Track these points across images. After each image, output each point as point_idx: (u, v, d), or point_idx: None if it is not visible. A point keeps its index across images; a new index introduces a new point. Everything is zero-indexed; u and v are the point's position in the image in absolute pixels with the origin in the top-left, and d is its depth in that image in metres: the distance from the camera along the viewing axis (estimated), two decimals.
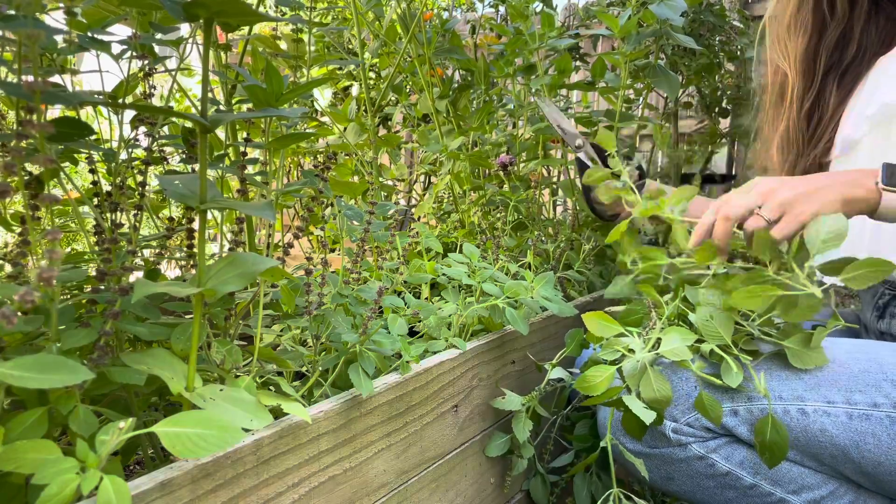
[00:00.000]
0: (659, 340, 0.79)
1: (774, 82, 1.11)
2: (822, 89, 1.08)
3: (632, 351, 0.79)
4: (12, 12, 0.50)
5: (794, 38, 1.07)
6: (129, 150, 0.71)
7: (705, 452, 0.81)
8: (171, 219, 0.81)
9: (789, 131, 1.09)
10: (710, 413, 0.77)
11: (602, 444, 0.83)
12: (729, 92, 2.22)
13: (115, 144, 0.71)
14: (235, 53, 0.92)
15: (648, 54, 1.36)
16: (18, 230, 0.64)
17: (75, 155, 0.73)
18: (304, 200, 0.76)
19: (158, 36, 0.66)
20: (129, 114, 0.74)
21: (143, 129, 0.72)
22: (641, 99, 1.62)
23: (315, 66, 0.92)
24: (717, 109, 2.24)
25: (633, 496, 0.80)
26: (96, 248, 0.65)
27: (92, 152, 0.69)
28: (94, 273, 0.59)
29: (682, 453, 0.82)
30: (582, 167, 1.14)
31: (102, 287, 0.59)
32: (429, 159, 1.65)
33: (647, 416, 0.73)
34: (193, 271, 0.71)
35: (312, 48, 0.89)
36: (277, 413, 0.57)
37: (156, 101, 0.74)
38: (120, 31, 0.66)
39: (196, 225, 0.62)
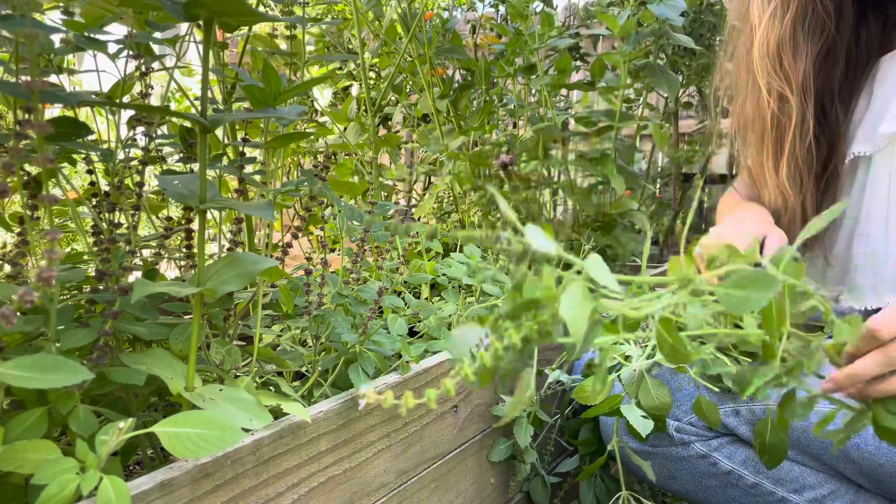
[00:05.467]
0: (655, 347, 0.79)
1: (765, 114, 0.93)
2: (825, 107, 0.94)
3: (629, 359, 0.79)
4: (10, 12, 0.49)
5: (798, 58, 0.90)
6: (127, 149, 0.71)
7: (708, 451, 0.81)
8: (169, 218, 0.80)
9: (798, 160, 0.93)
10: (708, 416, 0.77)
11: (609, 447, 0.83)
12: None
13: (113, 144, 0.71)
14: (235, 53, 0.91)
15: (648, 54, 1.36)
16: (17, 230, 0.64)
17: (73, 155, 0.73)
18: (303, 200, 0.76)
19: (155, 34, 0.66)
20: (128, 113, 0.73)
21: (140, 128, 0.72)
22: (641, 99, 1.61)
23: (314, 65, 0.92)
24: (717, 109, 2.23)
25: (641, 498, 0.80)
26: (95, 249, 0.64)
27: (90, 152, 0.69)
28: (93, 273, 0.59)
29: (684, 452, 0.82)
30: None
31: (101, 287, 0.59)
32: (429, 159, 1.64)
33: (645, 427, 0.73)
34: (192, 271, 0.71)
35: (311, 47, 0.88)
36: (277, 413, 0.57)
37: (154, 101, 0.73)
38: (118, 31, 0.66)
39: (195, 225, 0.61)
